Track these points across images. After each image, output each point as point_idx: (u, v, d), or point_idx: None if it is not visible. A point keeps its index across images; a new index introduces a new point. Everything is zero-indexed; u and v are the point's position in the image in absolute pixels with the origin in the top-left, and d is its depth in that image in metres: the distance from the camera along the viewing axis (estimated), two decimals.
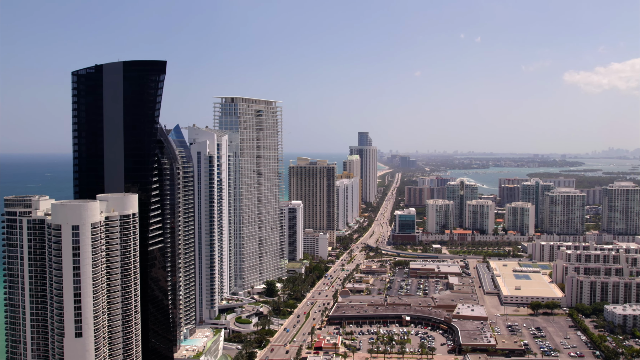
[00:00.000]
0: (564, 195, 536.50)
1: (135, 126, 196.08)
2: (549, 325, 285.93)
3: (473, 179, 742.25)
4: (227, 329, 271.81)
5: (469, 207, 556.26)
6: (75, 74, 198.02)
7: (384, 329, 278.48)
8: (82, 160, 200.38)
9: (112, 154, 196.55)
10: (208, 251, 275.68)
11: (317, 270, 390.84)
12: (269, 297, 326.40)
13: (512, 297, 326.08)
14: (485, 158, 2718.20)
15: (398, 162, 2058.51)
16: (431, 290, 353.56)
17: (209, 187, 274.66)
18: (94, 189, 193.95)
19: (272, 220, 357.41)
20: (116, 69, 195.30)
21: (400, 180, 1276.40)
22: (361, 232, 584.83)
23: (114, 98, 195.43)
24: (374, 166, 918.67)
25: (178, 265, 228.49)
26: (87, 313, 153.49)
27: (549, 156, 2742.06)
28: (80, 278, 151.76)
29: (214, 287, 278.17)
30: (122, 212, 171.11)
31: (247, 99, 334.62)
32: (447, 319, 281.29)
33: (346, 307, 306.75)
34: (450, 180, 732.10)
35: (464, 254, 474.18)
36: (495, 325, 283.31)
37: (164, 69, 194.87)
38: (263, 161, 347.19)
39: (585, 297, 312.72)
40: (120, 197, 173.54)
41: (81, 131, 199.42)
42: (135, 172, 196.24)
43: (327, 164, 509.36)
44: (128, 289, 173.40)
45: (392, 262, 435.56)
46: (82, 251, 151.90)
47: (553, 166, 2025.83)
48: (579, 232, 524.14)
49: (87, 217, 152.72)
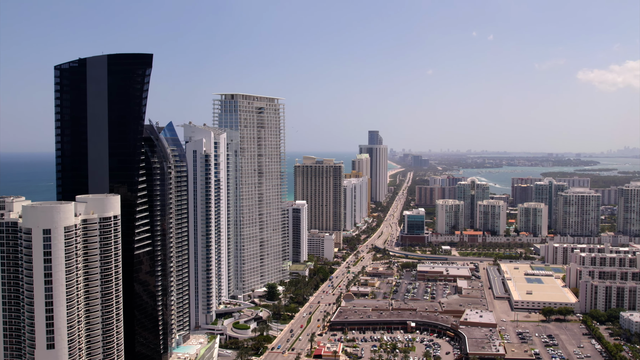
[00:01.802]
0: (578, 195, 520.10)
1: (121, 123, 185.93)
2: (562, 333, 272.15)
3: (486, 178, 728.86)
4: (224, 335, 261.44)
5: (479, 207, 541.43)
6: (58, 68, 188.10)
7: (387, 336, 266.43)
8: (66, 159, 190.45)
9: (96, 153, 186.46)
10: (204, 254, 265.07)
11: (322, 273, 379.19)
12: (269, 301, 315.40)
13: (523, 302, 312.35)
14: (498, 157, 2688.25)
15: (410, 161, 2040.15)
16: (439, 294, 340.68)
17: (205, 187, 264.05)
18: (77, 189, 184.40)
19: (274, 220, 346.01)
20: (100, 63, 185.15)
21: (411, 179, 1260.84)
22: (369, 232, 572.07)
23: (98, 93, 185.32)
24: (384, 165, 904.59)
25: (169, 268, 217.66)
26: (60, 323, 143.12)
27: (563, 155, 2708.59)
28: (53, 285, 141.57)
29: (211, 290, 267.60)
30: (102, 214, 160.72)
31: (247, 95, 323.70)
32: (454, 325, 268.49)
33: (349, 312, 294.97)
34: (461, 179, 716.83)
35: (474, 256, 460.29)
36: (505, 333, 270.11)
37: (150, 63, 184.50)
38: (265, 160, 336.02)
39: (600, 303, 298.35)
40: (100, 199, 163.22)
41: (64, 128, 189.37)
42: (121, 171, 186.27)
43: (333, 163, 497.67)
44: (109, 296, 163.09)
45: (400, 264, 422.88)
46: (55, 257, 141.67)
47: (567, 165, 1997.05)
48: (594, 234, 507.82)
49: (59, 220, 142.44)
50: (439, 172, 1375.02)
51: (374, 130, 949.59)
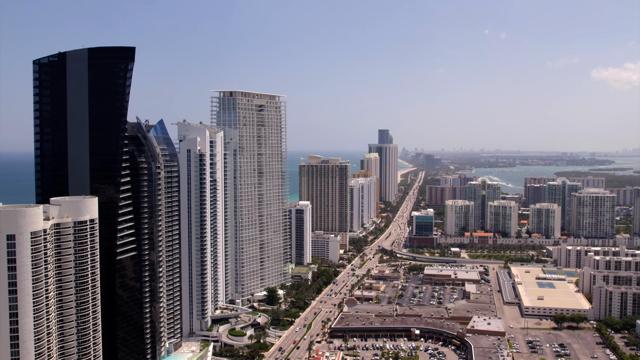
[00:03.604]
0: (593, 195, 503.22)
1: (102, 120, 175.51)
2: (574, 342, 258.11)
3: (499, 178, 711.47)
4: (219, 342, 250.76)
5: (490, 208, 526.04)
6: (37, 63, 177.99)
7: (390, 344, 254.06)
8: (45, 159, 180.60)
9: (76, 152, 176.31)
10: (199, 257, 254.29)
11: (325, 276, 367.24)
12: (269, 306, 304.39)
13: (533, 309, 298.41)
14: (512, 156, 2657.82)
15: (422, 160, 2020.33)
16: (446, 299, 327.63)
17: (199, 187, 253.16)
18: (58, 190, 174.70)
19: (275, 222, 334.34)
20: (81, 57, 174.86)
21: (423, 179, 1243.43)
22: (377, 233, 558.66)
23: (79, 89, 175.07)
24: (394, 164, 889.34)
25: (159, 273, 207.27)
26: (26, 336, 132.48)
27: (577, 154, 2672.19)
28: (18, 295, 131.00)
29: (206, 295, 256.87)
30: (77, 218, 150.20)
31: (247, 92, 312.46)
32: (460, 333, 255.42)
33: (351, 317, 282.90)
34: (473, 179, 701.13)
35: (484, 258, 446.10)
36: (514, 341, 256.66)
37: (132, 56, 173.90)
38: (265, 159, 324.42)
39: (615, 310, 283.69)
40: (74, 201, 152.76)
41: (44, 126, 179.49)
42: (102, 171, 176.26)
43: (339, 162, 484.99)
44: (85, 305, 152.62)
45: (407, 267, 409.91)
46: (20, 264, 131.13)
47: (582, 165, 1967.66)
48: (609, 236, 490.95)
49: (25, 225, 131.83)
50: (451, 172, 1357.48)
51: (384, 129, 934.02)
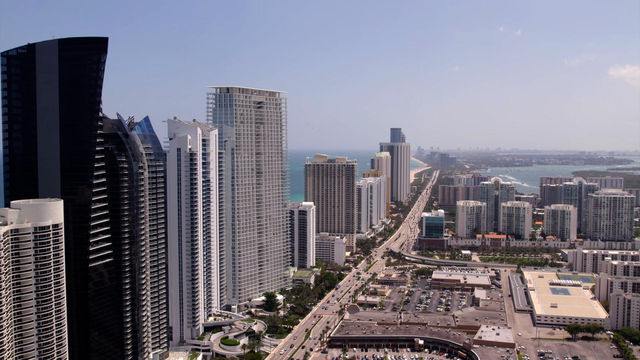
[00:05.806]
0: (610, 197, 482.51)
1: (74, 117, 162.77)
2: (589, 354, 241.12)
3: (514, 177, 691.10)
4: (210, 351, 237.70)
5: (503, 209, 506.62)
6: (4, 55, 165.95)
7: (392, 355, 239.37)
8: (14, 158, 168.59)
9: (46, 151, 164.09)
10: (189, 262, 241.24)
11: (329, 280, 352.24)
12: (267, 312, 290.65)
13: (546, 317, 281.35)
14: (528, 155, 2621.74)
15: (437, 159, 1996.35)
16: (454, 305, 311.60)
17: (190, 188, 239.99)
18: (28, 192, 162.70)
19: (275, 224, 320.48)
20: (51, 49, 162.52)
21: (437, 178, 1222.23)
22: (386, 235, 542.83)
23: (49, 83, 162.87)
24: (406, 163, 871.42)
25: (142, 280, 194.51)
26: None
27: (595, 153, 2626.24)
28: None
29: (197, 302, 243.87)
30: (38, 223, 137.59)
31: (244, 89, 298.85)
32: (466, 344, 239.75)
33: (352, 326, 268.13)
34: (487, 179, 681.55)
35: (496, 262, 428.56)
36: (525, 353, 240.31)
37: (105, 48, 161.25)
38: (264, 159, 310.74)
39: (634, 320, 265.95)
40: (36, 205, 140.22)
41: (12, 123, 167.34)
42: (74, 172, 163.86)
43: (346, 161, 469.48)
44: (47, 317, 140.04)
45: (415, 271, 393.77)
46: None
47: (600, 164, 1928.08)
48: (627, 238, 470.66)
49: None
50: (466, 171, 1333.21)
51: (397, 127, 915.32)
